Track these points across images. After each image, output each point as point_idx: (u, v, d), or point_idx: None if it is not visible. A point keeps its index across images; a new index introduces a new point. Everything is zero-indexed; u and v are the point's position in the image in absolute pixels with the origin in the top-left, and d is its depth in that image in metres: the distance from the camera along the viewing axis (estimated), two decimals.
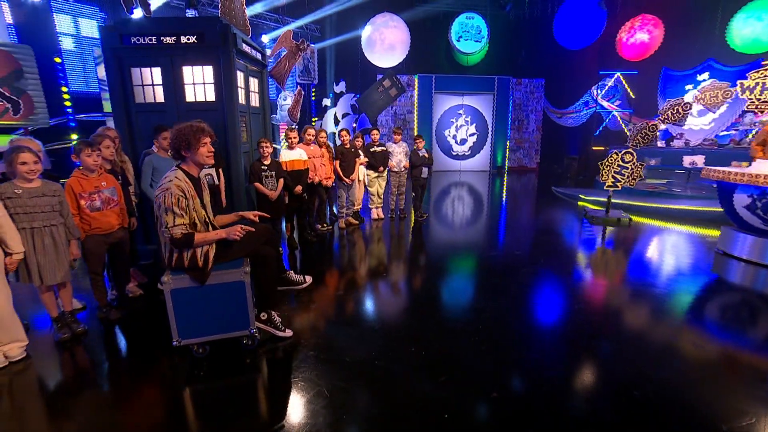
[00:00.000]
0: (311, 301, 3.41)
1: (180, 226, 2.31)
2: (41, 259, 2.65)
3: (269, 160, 4.48)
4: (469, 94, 12.30)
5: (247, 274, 2.51)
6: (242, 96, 4.57)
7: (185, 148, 2.42)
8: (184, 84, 4.15)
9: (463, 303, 3.46)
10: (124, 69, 4.09)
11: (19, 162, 2.50)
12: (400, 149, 6.27)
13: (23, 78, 5.44)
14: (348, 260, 4.61)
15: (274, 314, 2.83)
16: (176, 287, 2.40)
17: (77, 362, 2.63)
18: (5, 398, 2.25)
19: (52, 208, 2.67)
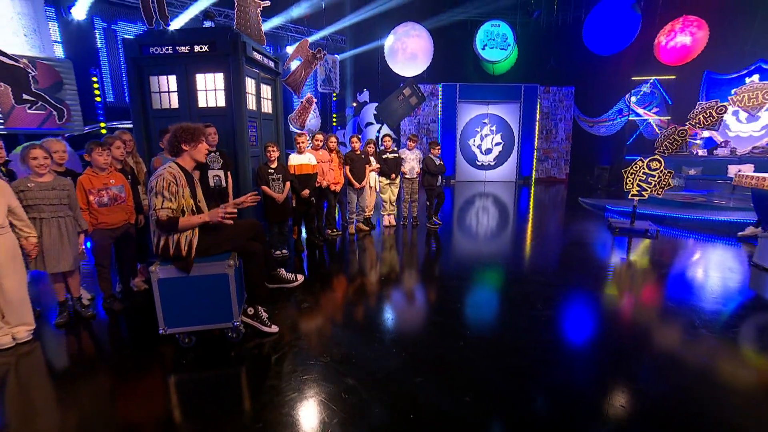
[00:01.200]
0: (305, 301, 3.49)
1: (167, 209, 2.47)
2: (47, 247, 2.90)
3: (276, 163, 4.65)
4: (494, 102, 12.22)
5: (230, 267, 2.62)
6: (252, 102, 4.80)
7: (187, 143, 2.61)
8: (197, 90, 4.43)
9: (478, 316, 3.29)
10: (143, 77, 4.42)
11: (30, 157, 2.79)
12: (414, 156, 6.32)
13: (63, 89, 6.01)
14: (353, 265, 4.64)
15: (261, 310, 2.93)
16: (163, 277, 2.54)
17: (76, 347, 2.83)
18: (12, 376, 2.46)
19: (60, 201, 2.93)
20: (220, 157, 4.15)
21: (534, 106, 12.21)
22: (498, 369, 2.50)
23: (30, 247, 2.76)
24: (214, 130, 4.06)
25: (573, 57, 12.21)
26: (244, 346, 2.77)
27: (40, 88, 5.83)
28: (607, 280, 4.12)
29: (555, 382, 2.38)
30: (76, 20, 7.01)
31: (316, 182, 5.16)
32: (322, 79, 10.81)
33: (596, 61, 11.48)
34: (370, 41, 11.63)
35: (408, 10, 10.91)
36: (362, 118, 12.08)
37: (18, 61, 5.54)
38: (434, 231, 6.16)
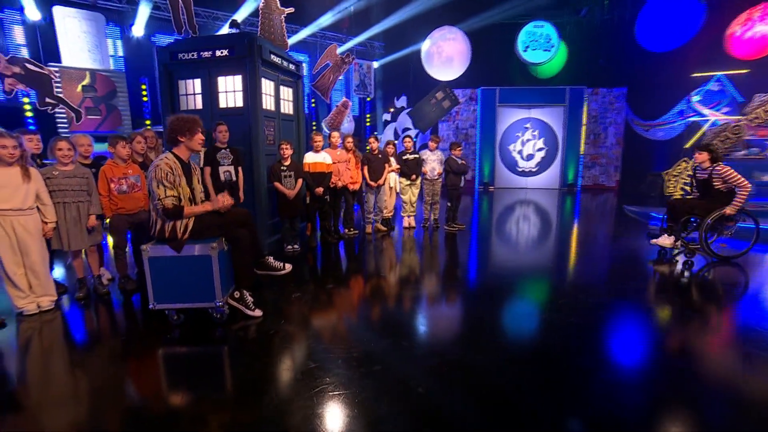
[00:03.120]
0: (298, 292, 3.63)
1: (171, 197, 2.72)
2: (69, 228, 3.31)
3: (289, 161, 4.89)
4: (536, 106, 11.80)
5: (214, 249, 2.82)
6: (270, 102, 5.10)
7: (183, 134, 2.85)
8: (218, 92, 4.81)
9: (498, 327, 3.02)
10: (173, 81, 4.89)
11: (57, 149, 3.22)
12: (435, 157, 6.30)
13: (116, 97, 6.80)
14: (363, 263, 4.69)
15: (246, 294, 3.10)
16: (153, 255, 2.80)
17: (88, 319, 3.20)
18: (36, 338, 2.84)
19: (80, 188, 3.35)
20: (230, 153, 4.45)
21: (580, 109, 11.63)
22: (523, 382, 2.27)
23: (46, 229, 3.18)
24: (225, 127, 4.37)
25: (625, 56, 11.49)
26: (231, 327, 2.94)
27: (98, 96, 6.67)
28: (641, 294, 3.78)
29: (592, 403, 2.10)
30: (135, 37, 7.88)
31: (331, 181, 5.33)
32: (356, 84, 11.13)
33: (652, 58, 10.72)
34: (407, 46, 11.80)
35: (446, 13, 10.94)
36: (400, 124, 12.22)
37: (43, 68, 6.39)
38: (456, 234, 6.06)
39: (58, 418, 1.98)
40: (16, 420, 1.96)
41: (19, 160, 2.99)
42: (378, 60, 12.09)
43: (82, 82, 6.64)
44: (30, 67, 6.17)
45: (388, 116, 12.05)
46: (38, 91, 6.29)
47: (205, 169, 4.34)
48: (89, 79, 6.66)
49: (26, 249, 3.06)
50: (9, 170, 2.94)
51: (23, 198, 3.01)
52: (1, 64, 5.95)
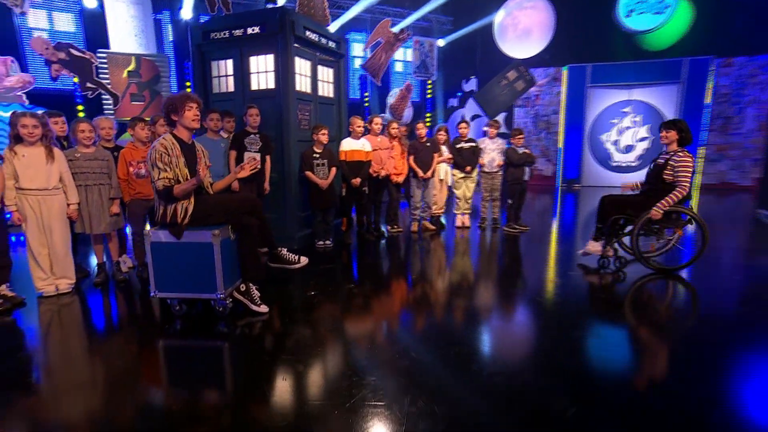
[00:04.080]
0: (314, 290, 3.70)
1: (163, 179, 2.92)
2: (91, 211, 3.71)
3: (321, 148, 5.00)
4: (640, 85, 10.82)
5: (216, 237, 2.97)
6: (305, 84, 5.27)
7: (173, 112, 3.04)
8: (250, 73, 5.07)
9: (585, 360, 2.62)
10: (206, 63, 5.25)
11: (78, 130, 3.62)
12: (494, 146, 6.06)
13: (160, 82, 7.51)
14: (402, 267, 4.65)
15: (252, 288, 3.22)
16: (155, 241, 3.02)
17: (103, 304, 3.57)
18: (49, 322, 3.22)
19: (101, 170, 3.74)
20: (260, 139, 4.66)
21: (702, 86, 10.42)
22: None
23: (69, 210, 3.58)
24: (256, 111, 4.59)
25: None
26: (235, 323, 3.08)
27: (142, 81, 7.43)
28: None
29: None
30: (183, 20, 8.62)
31: (371, 171, 5.36)
32: (416, 65, 11.09)
33: None
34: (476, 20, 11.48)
35: None
36: (469, 110, 11.95)
37: (85, 53, 7.17)
38: (518, 237, 5.77)
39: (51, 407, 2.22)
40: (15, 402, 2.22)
41: (42, 140, 3.40)
42: (444, 37, 11.92)
43: (127, 68, 7.43)
44: (74, 52, 7.05)
45: (455, 101, 11.84)
46: (80, 75, 7.14)
47: (231, 153, 4.59)
48: (134, 64, 7.43)
49: (49, 229, 3.48)
50: (33, 150, 3.37)
51: (47, 178, 3.42)
52: (48, 51, 6.85)
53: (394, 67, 12.17)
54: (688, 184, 3.79)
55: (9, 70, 6.86)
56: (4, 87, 6.85)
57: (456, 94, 12.03)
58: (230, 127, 4.85)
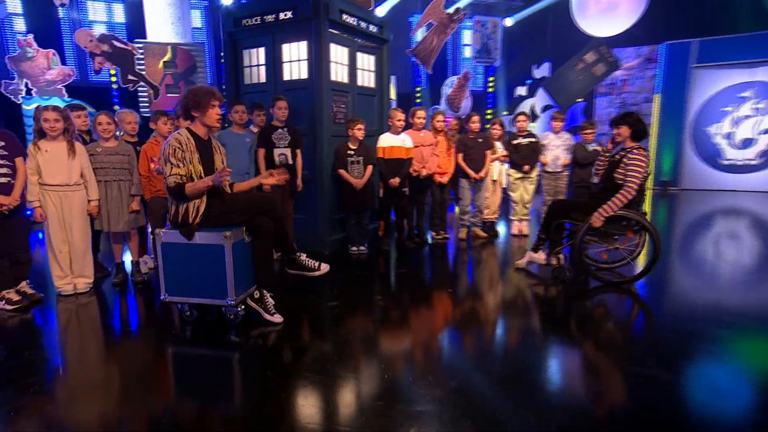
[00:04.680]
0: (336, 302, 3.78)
1: (175, 175, 3.08)
2: (110, 208, 4.02)
3: (357, 144, 5.09)
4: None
5: (228, 238, 3.11)
6: (341, 73, 5.38)
7: (195, 109, 3.20)
8: (282, 62, 5.27)
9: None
10: (238, 52, 5.52)
11: (97, 123, 3.94)
12: (560, 141, 5.86)
13: (195, 73, 7.99)
14: (443, 279, 4.59)
15: (266, 295, 3.33)
16: (166, 241, 3.22)
17: (119, 306, 3.86)
18: (65, 321, 3.54)
19: (122, 165, 4.03)
20: (288, 133, 4.81)
21: None
22: None
23: (90, 207, 3.89)
24: (284, 104, 4.74)
25: None
26: (248, 332, 3.22)
27: (177, 72, 7.95)
28: None
29: None
30: (224, 5, 9.12)
31: (411, 170, 5.38)
32: (476, 50, 10.93)
33: None
34: None
35: None
36: (539, 100, 11.61)
37: (127, 44, 7.70)
38: None
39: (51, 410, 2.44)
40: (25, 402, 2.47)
41: (64, 134, 3.73)
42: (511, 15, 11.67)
43: (163, 58, 7.97)
44: (116, 44, 7.68)
45: (523, 90, 11.54)
46: (122, 68, 7.76)
47: (259, 151, 4.79)
48: (170, 54, 7.97)
49: (70, 226, 3.80)
50: (55, 144, 3.70)
51: (69, 173, 3.74)
52: (92, 43, 7.51)
53: (462, 52, 12.11)
54: (636, 185, 3.78)
55: (50, 63, 7.60)
56: (45, 80, 7.60)
57: (524, 82, 11.72)
58: (260, 121, 5.06)
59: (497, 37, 11.05)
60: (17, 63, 7.50)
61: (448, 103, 8.02)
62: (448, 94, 7.80)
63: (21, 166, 3.64)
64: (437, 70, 9.78)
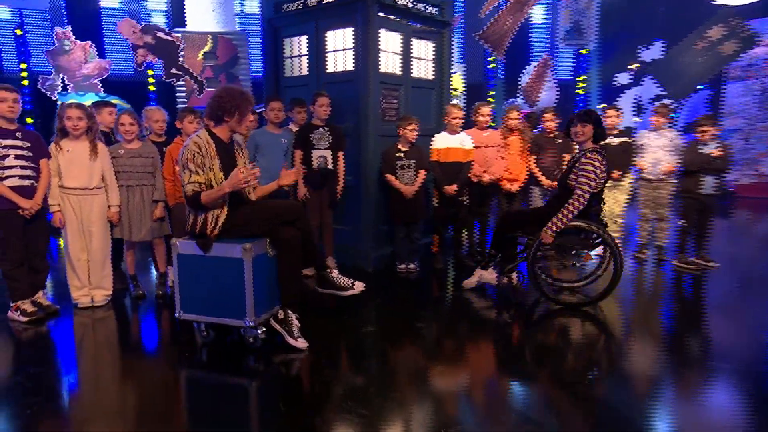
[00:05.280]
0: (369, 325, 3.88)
1: (193, 183, 3.30)
2: (131, 215, 4.36)
3: (408, 145, 5.17)
4: None
5: (248, 251, 3.29)
6: (393, 63, 5.52)
7: (230, 113, 3.40)
8: (326, 52, 5.49)
9: None
10: (278, 41, 5.83)
11: (119, 123, 4.30)
12: (662, 141, 5.65)
13: (237, 64, 8.46)
14: (517, 304, 4.57)
15: (291, 316, 3.47)
16: (182, 252, 3.46)
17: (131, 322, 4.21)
18: (82, 336, 3.90)
19: (145, 168, 4.36)
20: (329, 133, 5.00)
21: None
22: None
23: (110, 213, 4.25)
24: (326, 100, 4.92)
25: None
26: (270, 358, 3.38)
27: (218, 64, 8.45)
28: None
29: None
30: None
31: (471, 175, 5.38)
32: (565, 29, 10.69)
33: None
34: None
35: None
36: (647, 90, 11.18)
37: (171, 35, 8.23)
38: (699, 277, 5.30)
39: None
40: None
41: (87, 133, 4.12)
42: None
43: (203, 49, 8.52)
44: (160, 35, 8.31)
45: (625, 78, 11.16)
46: (165, 61, 8.38)
47: (296, 152, 5.00)
48: (211, 44, 8.50)
49: (89, 233, 4.18)
50: (78, 144, 4.09)
51: (90, 176, 4.12)
52: (135, 35, 8.17)
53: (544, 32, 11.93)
54: (588, 192, 3.90)
55: (87, 55, 8.37)
56: (82, 74, 8.38)
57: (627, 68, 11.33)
58: (301, 119, 5.27)
59: (591, 13, 10.75)
60: (54, 57, 8.32)
61: (523, 95, 7.90)
62: (523, 85, 7.67)
63: (45, 167, 4.02)
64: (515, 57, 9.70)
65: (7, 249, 3.89)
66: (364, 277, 3.81)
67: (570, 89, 11.76)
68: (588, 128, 4.06)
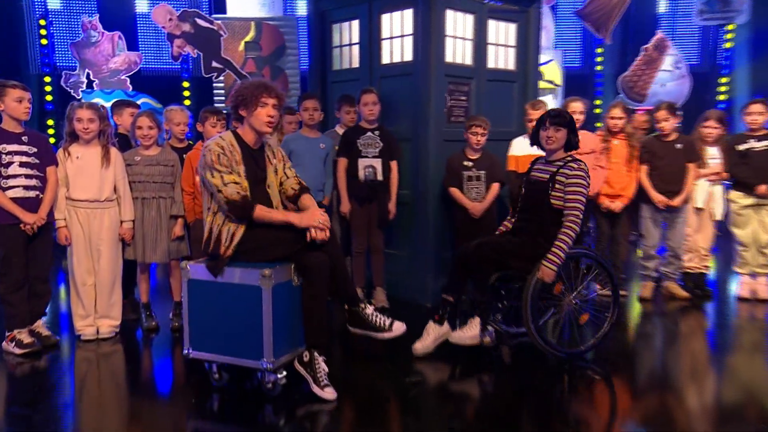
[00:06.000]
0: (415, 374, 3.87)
1: (232, 184, 3.37)
2: (146, 232, 4.58)
3: (477, 153, 5.15)
4: None
5: (267, 278, 3.35)
6: (463, 52, 5.55)
7: (243, 106, 3.54)
8: (381, 40, 5.60)
9: None
10: (326, 27, 6.01)
11: (136, 126, 4.53)
12: None
13: (284, 55, 8.73)
14: (614, 357, 4.43)
15: (318, 359, 3.49)
16: (195, 278, 3.59)
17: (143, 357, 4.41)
18: (88, 375, 4.13)
19: (163, 179, 4.58)
20: (380, 138, 5.08)
21: None
22: None
23: (122, 230, 4.48)
24: (373, 97, 5.02)
25: None
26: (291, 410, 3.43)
27: (262, 55, 8.76)
28: None
29: None
30: None
31: None
32: (702, 1, 10.22)
33: None
34: None
35: None
36: None
37: (213, 22, 8.57)
38: None
39: None
40: None
41: (99, 137, 4.38)
42: None
43: (245, 38, 8.86)
44: (200, 22, 8.72)
45: None
46: (205, 53, 8.78)
47: (340, 161, 5.11)
48: (254, 32, 8.83)
49: (97, 252, 4.41)
50: (88, 150, 4.35)
51: (100, 186, 4.36)
52: (172, 23, 8.64)
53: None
54: (581, 214, 3.87)
55: (115, 47, 8.93)
56: (109, 69, 8.95)
57: None
58: (350, 120, 5.40)
59: None
60: (80, 50, 8.93)
61: (624, 87, 7.53)
62: (624, 75, 7.32)
63: (52, 176, 4.29)
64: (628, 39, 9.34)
65: (6, 269, 4.13)
66: (422, 315, 3.78)
67: (709, 79, 11.26)
68: (561, 133, 4.01)
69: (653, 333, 5.08)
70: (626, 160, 5.54)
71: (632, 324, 5.24)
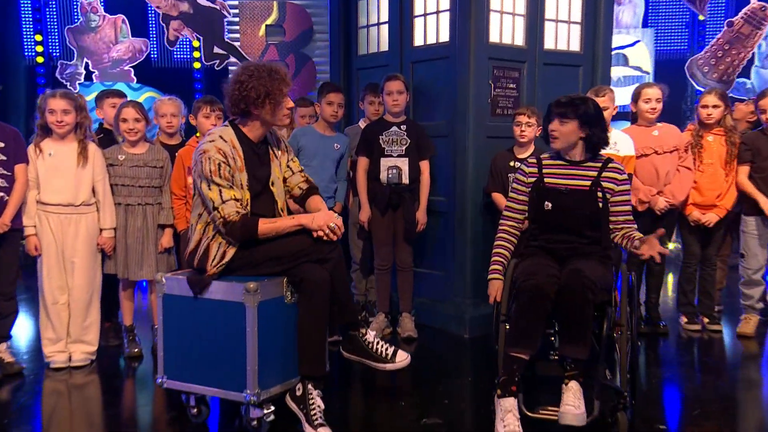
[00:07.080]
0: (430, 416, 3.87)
1: (230, 201, 3.42)
2: (129, 244, 4.69)
3: (527, 150, 5.14)
4: None
5: (252, 293, 3.41)
6: (511, 30, 5.56)
7: (260, 105, 3.48)
8: (414, 17, 5.67)
9: None
10: (350, 5, 6.13)
11: (120, 119, 4.66)
12: None
13: (312, 41, 8.85)
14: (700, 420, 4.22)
15: (312, 392, 3.52)
16: (170, 293, 3.69)
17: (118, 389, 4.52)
18: (56, 410, 4.27)
19: (151, 182, 4.70)
20: (407, 134, 5.13)
21: None
22: None
23: (101, 239, 4.59)
24: (398, 85, 5.05)
25: None
26: None
27: (285, 41, 8.90)
28: None
29: None
30: None
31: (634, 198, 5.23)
32: None
33: None
34: None
35: None
36: None
37: (215, 1, 8.75)
38: None
39: None
40: None
41: (75, 131, 4.51)
42: None
43: (266, 20, 9.03)
44: (200, 1, 8.93)
45: None
46: (205, 37, 9.00)
47: (359, 161, 5.16)
48: (276, 14, 8.98)
49: (71, 265, 4.53)
50: (63, 146, 4.49)
51: (76, 188, 4.49)
52: (168, 2, 8.89)
53: None
54: None
55: (118, 33, 9.26)
56: (111, 59, 9.28)
57: None
58: (374, 112, 5.41)
59: None
60: (78, 36, 9.29)
61: (704, 71, 7.18)
62: (695, 57, 6.96)
63: (21, 176, 4.41)
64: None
65: None
66: (458, 346, 3.74)
67: None
68: (568, 127, 3.70)
69: (758, 379, 4.94)
70: (724, 160, 5.43)
71: (730, 368, 5.15)
